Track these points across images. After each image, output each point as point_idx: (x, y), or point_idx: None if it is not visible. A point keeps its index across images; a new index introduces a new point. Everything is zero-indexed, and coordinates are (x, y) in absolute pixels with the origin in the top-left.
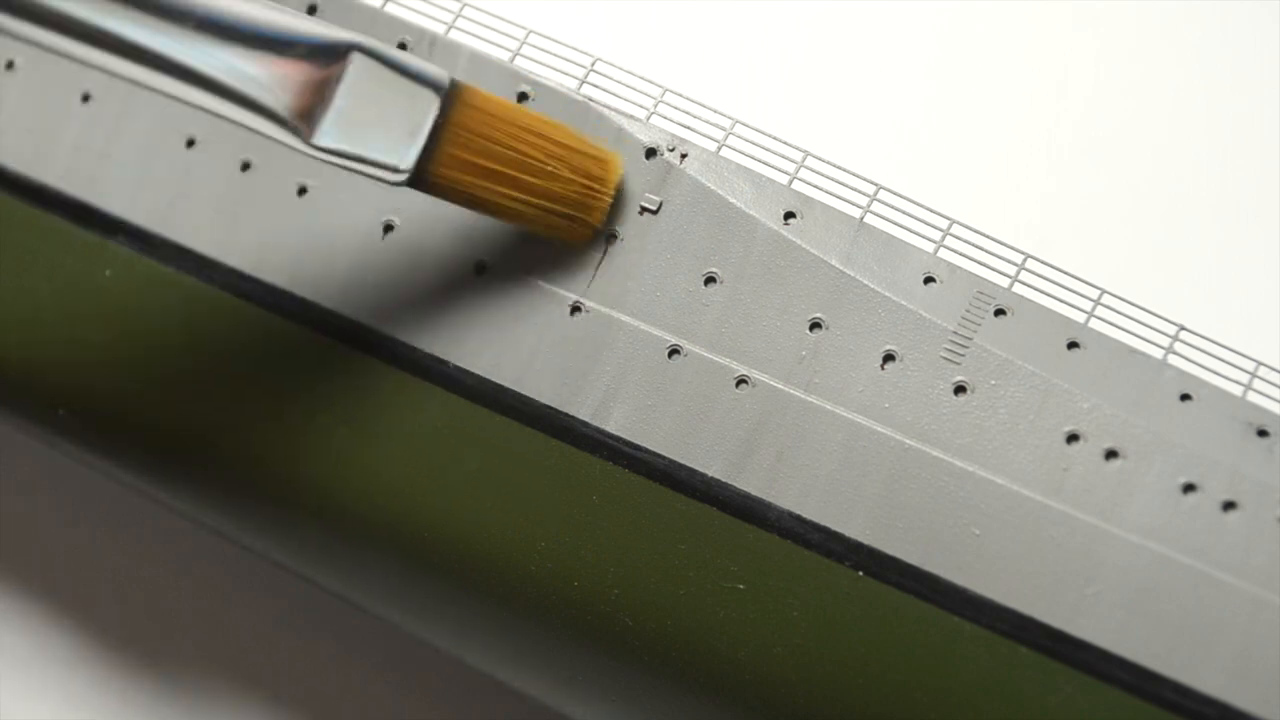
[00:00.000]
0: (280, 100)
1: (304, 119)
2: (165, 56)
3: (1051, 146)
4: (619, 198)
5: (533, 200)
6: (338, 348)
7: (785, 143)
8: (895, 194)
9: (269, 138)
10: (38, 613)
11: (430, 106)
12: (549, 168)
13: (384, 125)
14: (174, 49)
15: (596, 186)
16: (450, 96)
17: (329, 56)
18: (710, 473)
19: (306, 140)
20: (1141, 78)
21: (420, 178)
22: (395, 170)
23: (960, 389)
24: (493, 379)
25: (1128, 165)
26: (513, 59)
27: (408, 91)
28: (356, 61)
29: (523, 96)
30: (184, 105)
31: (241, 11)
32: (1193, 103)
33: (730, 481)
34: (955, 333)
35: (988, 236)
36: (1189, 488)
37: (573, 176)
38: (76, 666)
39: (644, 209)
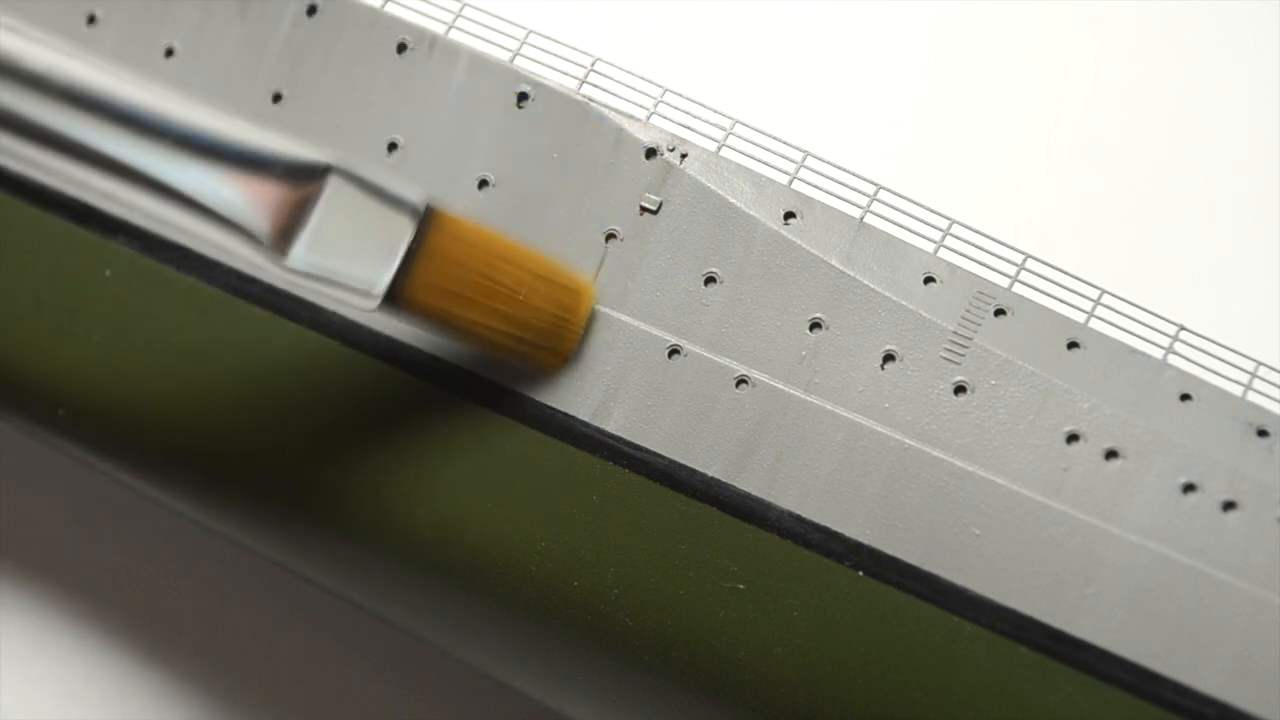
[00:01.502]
0: (255, 220)
1: (279, 239)
2: (140, 171)
3: (1051, 146)
4: (590, 326)
5: (503, 329)
6: (335, 347)
7: (785, 143)
8: (895, 194)
9: (242, 256)
10: (38, 612)
11: (405, 231)
12: (520, 296)
13: (358, 248)
14: (149, 164)
15: (568, 316)
16: (426, 220)
17: (306, 176)
18: (710, 473)
19: (280, 261)
20: (1142, 78)
21: (393, 301)
22: (368, 295)
23: (960, 389)
24: (492, 379)
25: (1128, 165)
26: (513, 59)
27: (383, 215)
28: (333, 183)
29: (523, 96)
30: (158, 223)
31: (219, 129)
32: (1193, 103)
33: (730, 481)
34: (955, 333)
35: (988, 236)
36: (1189, 488)
37: (544, 306)
38: (76, 666)
39: (644, 209)
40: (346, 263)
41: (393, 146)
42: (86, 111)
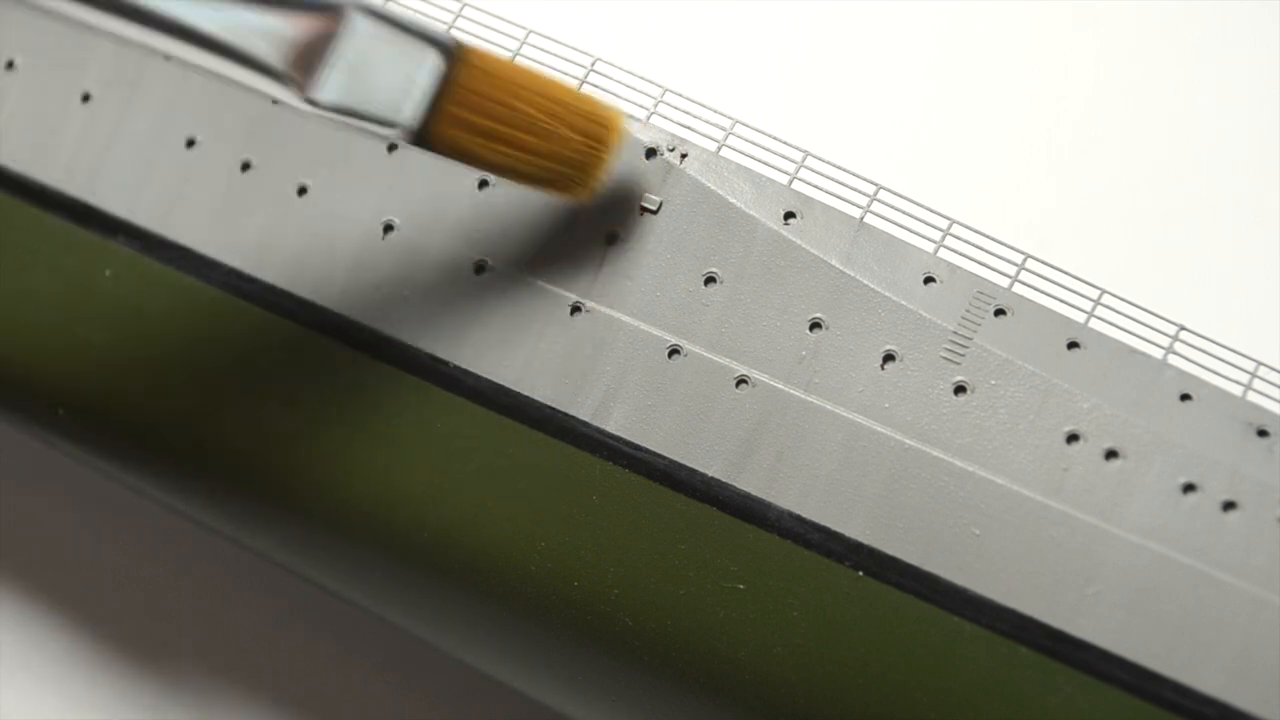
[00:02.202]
0: (278, 54)
1: (302, 73)
2: (159, 12)
3: (1051, 146)
4: (619, 160)
5: (532, 159)
6: (337, 348)
7: (785, 143)
8: (895, 194)
9: (264, 93)
10: (37, 612)
11: (433, 64)
12: (549, 126)
13: (385, 82)
14: (169, 4)
15: (597, 145)
16: (453, 55)
17: (329, 13)
18: (710, 473)
19: (306, 96)
20: (1141, 77)
21: (421, 135)
22: (394, 126)
23: (960, 389)
24: (493, 379)
25: (1127, 165)
26: (513, 59)
27: (410, 48)
28: (359, 17)
29: None
30: (181, 62)
31: None
32: (1193, 102)
33: (730, 481)
34: (955, 333)
35: (988, 236)
36: (1189, 488)
37: (572, 135)
38: (76, 666)
39: (644, 209)
40: (373, 96)
41: (393, 147)
42: None
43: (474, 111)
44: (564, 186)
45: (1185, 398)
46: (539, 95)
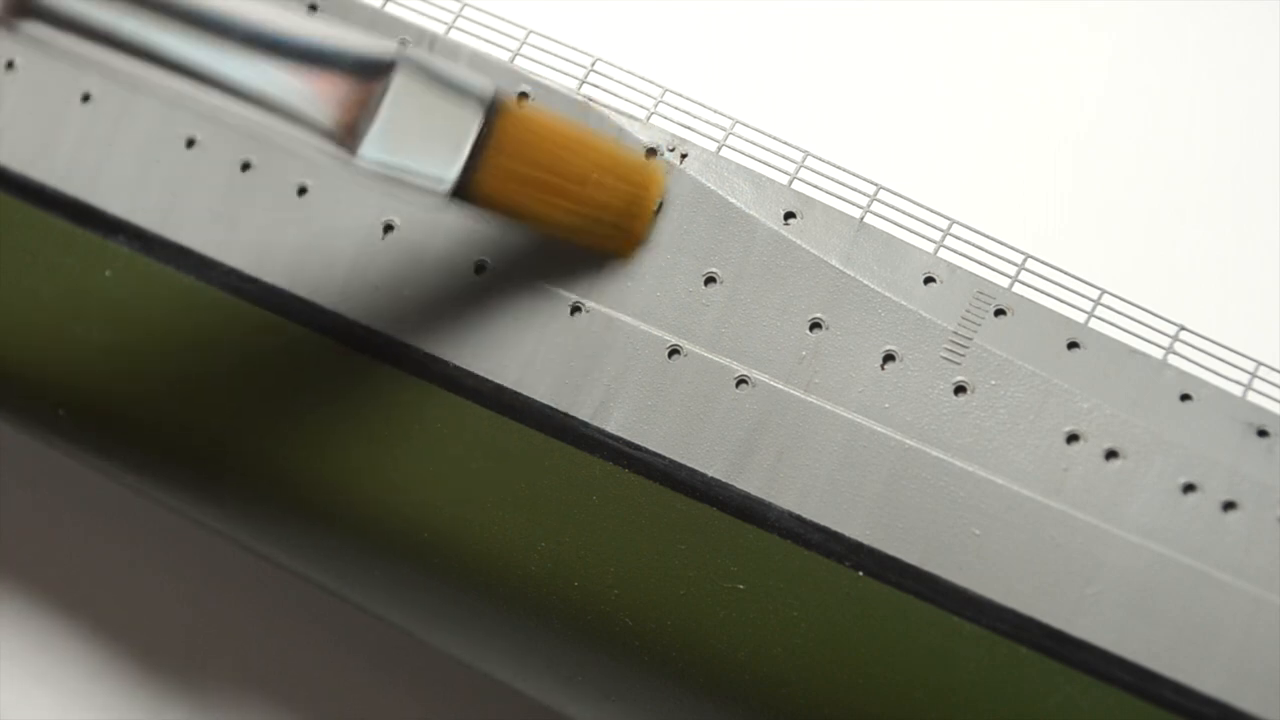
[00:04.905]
0: (326, 114)
1: (349, 133)
2: (211, 71)
3: (1051, 146)
4: (662, 207)
5: (578, 210)
6: (337, 348)
7: (785, 143)
8: (895, 194)
9: (316, 151)
10: (36, 612)
11: (474, 118)
12: (593, 177)
13: (428, 138)
14: (220, 63)
15: (641, 194)
16: (494, 108)
17: (373, 70)
18: (710, 473)
19: (352, 154)
20: (1141, 77)
21: (465, 189)
22: (441, 181)
23: (960, 389)
24: (493, 379)
25: (1128, 165)
26: (513, 59)
27: (452, 103)
28: (401, 74)
29: (523, 96)
30: (236, 124)
31: (286, 26)
32: (1193, 102)
33: (730, 481)
34: (955, 333)
35: (988, 236)
36: (1189, 488)
37: (617, 185)
38: (76, 665)
39: None
40: (418, 153)
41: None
42: (151, 11)
43: (517, 162)
44: (608, 238)
45: (1185, 398)
46: (580, 145)
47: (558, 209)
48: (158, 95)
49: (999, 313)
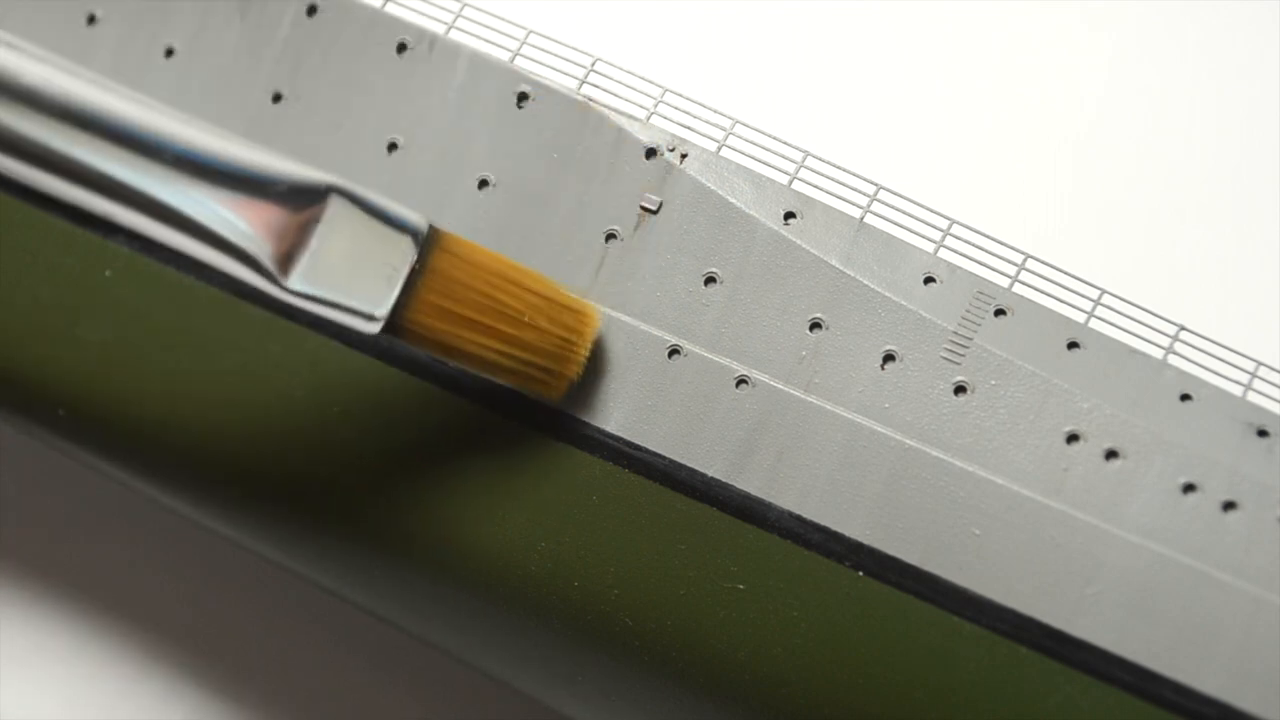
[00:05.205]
0: (257, 245)
1: (280, 262)
2: (138, 191)
3: (1051, 146)
4: (595, 351)
5: (509, 350)
6: (335, 347)
7: (785, 143)
8: (895, 194)
9: (242, 280)
10: (37, 612)
11: (407, 253)
12: (526, 318)
13: (360, 271)
14: (147, 184)
15: (574, 339)
16: (428, 242)
17: (307, 198)
18: (710, 473)
19: (281, 284)
20: (1141, 77)
21: (396, 325)
22: (370, 318)
23: (960, 389)
24: (492, 380)
25: (1128, 165)
26: (513, 59)
27: (385, 237)
28: (334, 205)
29: (523, 96)
30: (155, 244)
31: (218, 149)
32: (1193, 102)
33: (730, 481)
34: (955, 333)
35: (988, 236)
36: (1189, 488)
37: (550, 328)
38: (77, 666)
39: (644, 209)
40: (348, 286)
41: (393, 146)
42: (81, 129)
43: (450, 300)
44: (539, 382)
45: (1185, 398)
46: (515, 285)
47: (488, 349)
48: (89, 211)
49: (999, 313)
